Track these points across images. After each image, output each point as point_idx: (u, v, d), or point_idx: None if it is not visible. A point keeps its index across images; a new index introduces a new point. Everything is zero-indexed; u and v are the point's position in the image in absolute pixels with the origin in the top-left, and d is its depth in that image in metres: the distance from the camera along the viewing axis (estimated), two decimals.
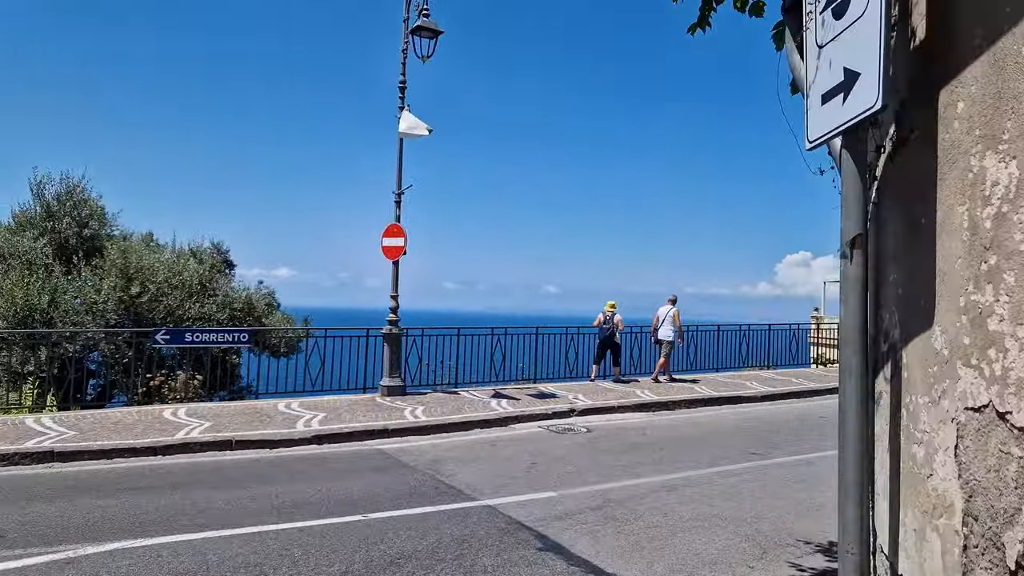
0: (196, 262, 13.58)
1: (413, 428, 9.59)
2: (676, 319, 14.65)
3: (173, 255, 13.47)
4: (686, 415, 11.60)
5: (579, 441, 9.25)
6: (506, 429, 10.10)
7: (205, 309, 12.67)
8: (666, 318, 14.63)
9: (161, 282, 12.01)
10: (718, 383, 14.47)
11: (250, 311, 13.63)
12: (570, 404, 11.53)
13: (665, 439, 9.47)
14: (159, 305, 11.89)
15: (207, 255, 14.59)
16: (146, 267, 11.97)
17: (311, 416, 9.83)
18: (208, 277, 13.21)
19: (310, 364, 11.54)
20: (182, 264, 12.88)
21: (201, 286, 12.98)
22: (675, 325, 14.59)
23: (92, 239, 13.18)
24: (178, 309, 12.14)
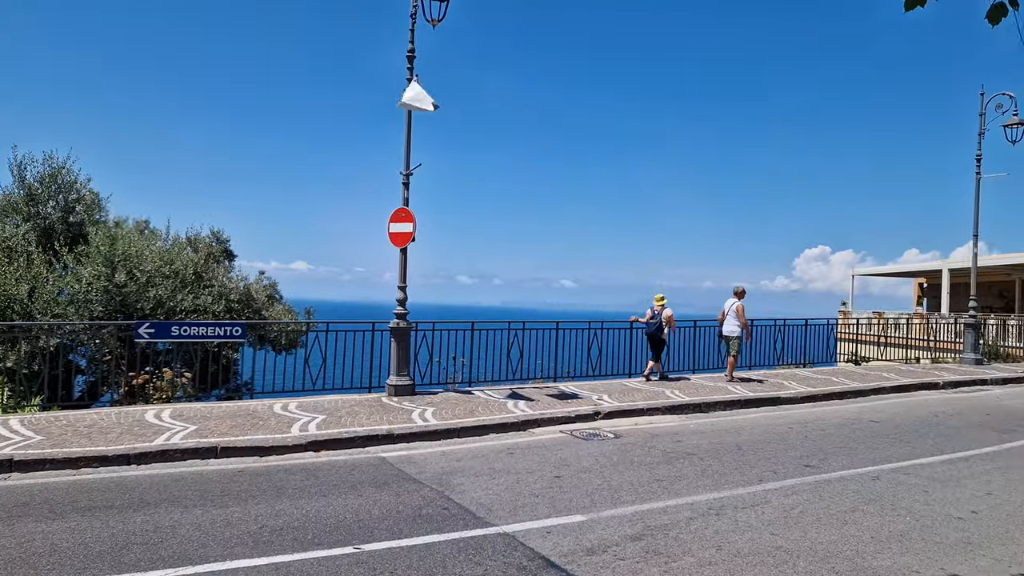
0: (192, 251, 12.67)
1: (421, 433, 8.61)
2: (741, 313, 13.62)
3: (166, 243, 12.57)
4: (722, 419, 10.52)
5: (607, 449, 8.22)
6: (524, 434, 9.09)
7: (200, 301, 11.77)
8: (731, 311, 13.66)
9: (150, 271, 11.12)
10: (753, 383, 13.35)
11: (248, 303, 12.72)
12: (594, 406, 10.49)
13: (703, 447, 8.41)
14: (148, 296, 10.99)
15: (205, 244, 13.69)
16: (134, 255, 11.07)
17: (309, 419, 8.87)
18: (204, 267, 12.30)
19: (311, 361, 10.60)
20: (176, 252, 11.98)
21: (196, 276, 12.08)
22: (740, 319, 13.60)
23: (80, 225, 12.32)
24: (169, 300, 11.25)
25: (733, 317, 13.66)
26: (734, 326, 13.66)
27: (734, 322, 13.66)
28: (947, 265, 31.16)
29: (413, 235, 10.58)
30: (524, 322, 12.48)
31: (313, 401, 9.98)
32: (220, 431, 8.10)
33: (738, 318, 13.61)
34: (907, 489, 6.77)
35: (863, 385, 13.70)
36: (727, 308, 13.76)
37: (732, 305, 13.75)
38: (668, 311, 13.34)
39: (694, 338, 14.97)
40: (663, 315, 13.26)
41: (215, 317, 11.83)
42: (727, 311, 13.75)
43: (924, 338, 20.32)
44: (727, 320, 13.72)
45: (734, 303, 13.75)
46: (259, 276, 14.28)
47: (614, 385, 12.53)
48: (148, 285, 11.02)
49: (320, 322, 11.63)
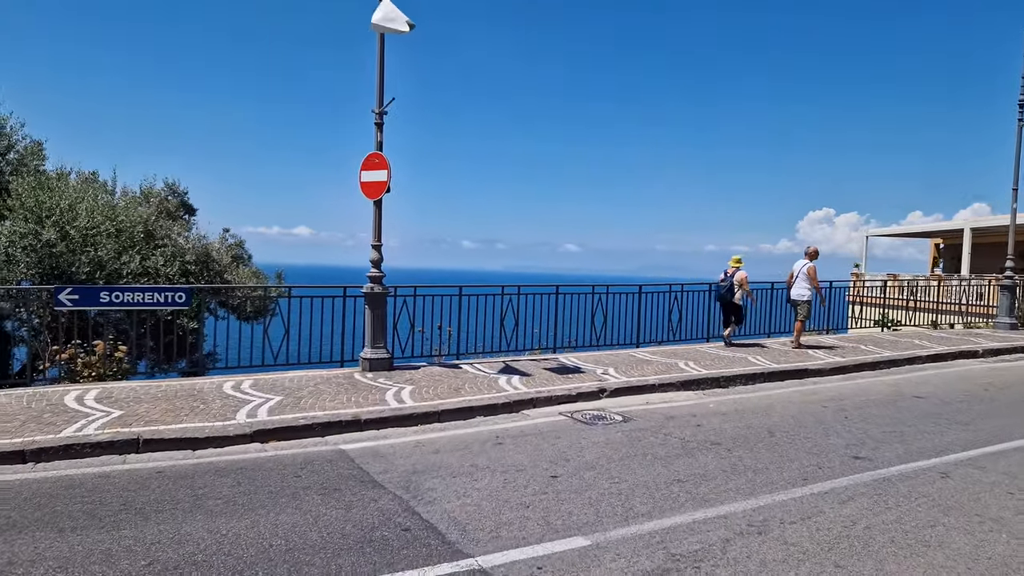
0: (145, 205, 11.20)
1: (394, 417, 7.26)
2: (813, 275, 12.51)
3: (116, 197, 11.08)
4: (745, 396, 9.16)
5: (614, 437, 6.87)
6: (517, 417, 7.74)
7: (149, 262, 10.35)
8: (800, 274, 12.61)
9: (87, 228, 9.68)
10: (777, 353, 11.97)
11: (208, 265, 11.30)
12: (599, 382, 9.13)
13: (729, 434, 7.06)
14: (85, 257, 9.58)
15: (158, 198, 12.16)
16: (66, 209, 9.62)
17: (261, 401, 7.52)
18: (155, 223, 10.84)
19: (270, 332, 9.21)
20: (122, 207, 10.50)
21: (146, 234, 10.63)
22: (811, 282, 12.52)
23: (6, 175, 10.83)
24: (112, 262, 9.84)
25: (804, 280, 12.59)
26: (804, 289, 12.59)
27: (804, 285, 12.59)
28: (969, 224, 29.59)
29: (388, 184, 9.10)
30: (519, 286, 11.06)
31: (272, 379, 8.62)
32: (149, 418, 6.75)
33: (810, 280, 12.55)
34: (988, 490, 5.42)
35: (896, 354, 12.32)
36: (796, 270, 12.79)
37: (803, 267, 12.66)
38: (742, 273, 12.33)
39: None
40: (736, 277, 12.26)
41: (168, 281, 10.46)
42: (796, 273, 12.67)
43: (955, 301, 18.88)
44: (797, 283, 12.69)
45: (805, 264, 12.67)
46: (222, 235, 12.85)
47: (621, 357, 11.16)
48: (86, 245, 9.60)
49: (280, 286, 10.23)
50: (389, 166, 9.10)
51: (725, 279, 12.40)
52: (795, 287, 12.67)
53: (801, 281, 12.59)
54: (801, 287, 12.60)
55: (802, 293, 12.58)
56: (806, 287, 12.55)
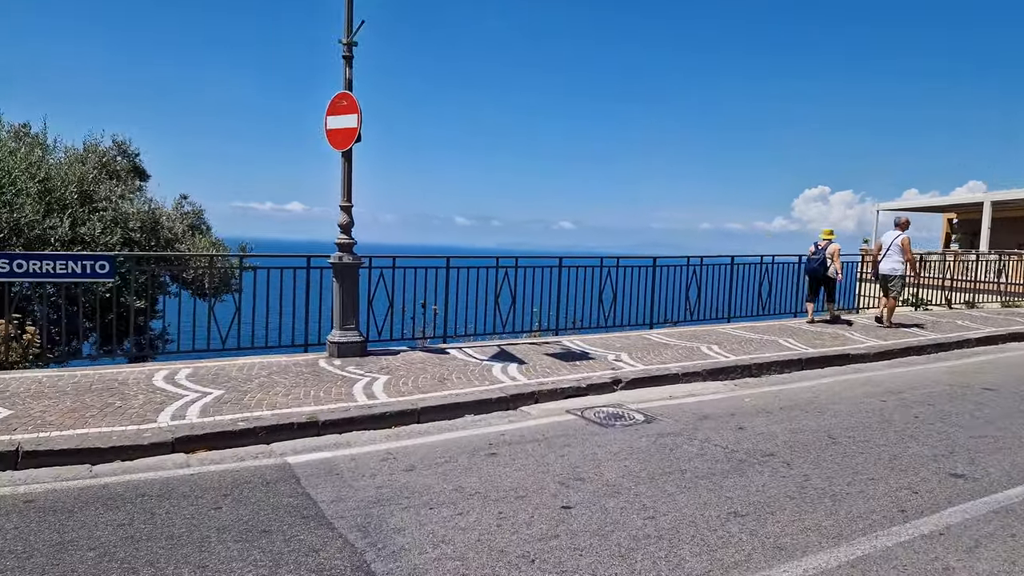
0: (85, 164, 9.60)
1: (362, 418, 5.79)
2: (907, 247, 11.50)
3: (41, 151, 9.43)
4: (784, 387, 7.72)
5: (639, 445, 5.41)
6: (515, 416, 6.29)
7: (84, 229, 8.81)
8: (892, 246, 11.65)
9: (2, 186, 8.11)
10: (810, 335, 10.52)
11: (155, 233, 9.76)
12: (612, 370, 7.67)
13: (781, 439, 5.62)
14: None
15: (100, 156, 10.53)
16: None
17: (196, 397, 6.03)
18: (94, 184, 9.27)
19: (215, 311, 7.67)
20: (53, 164, 8.91)
21: (83, 196, 9.07)
22: (905, 256, 11.54)
23: None
24: (34, 226, 8.28)
25: (896, 253, 11.57)
26: (896, 263, 11.57)
27: (897, 258, 11.57)
28: (990, 197, 28.10)
29: (359, 132, 7.53)
30: (517, 258, 9.55)
31: (216, 368, 7.11)
32: (43, 421, 5.25)
33: (903, 254, 11.52)
34: None
35: (942, 336, 10.91)
36: (887, 242, 11.77)
37: (895, 239, 11.61)
38: (835, 245, 11.34)
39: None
40: (829, 250, 11.25)
41: (107, 249, 8.93)
42: (888, 246, 11.74)
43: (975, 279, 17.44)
44: (888, 256, 11.63)
45: (897, 236, 11.61)
46: (178, 200, 11.28)
47: (632, 339, 9.69)
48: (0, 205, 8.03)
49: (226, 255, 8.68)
50: (360, 109, 7.53)
51: (816, 252, 11.43)
52: (886, 261, 11.69)
53: (894, 254, 11.60)
54: (893, 260, 11.60)
55: (895, 267, 11.61)
56: (899, 260, 11.56)
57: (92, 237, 8.93)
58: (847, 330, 11.16)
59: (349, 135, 7.59)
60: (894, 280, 11.66)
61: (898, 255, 11.59)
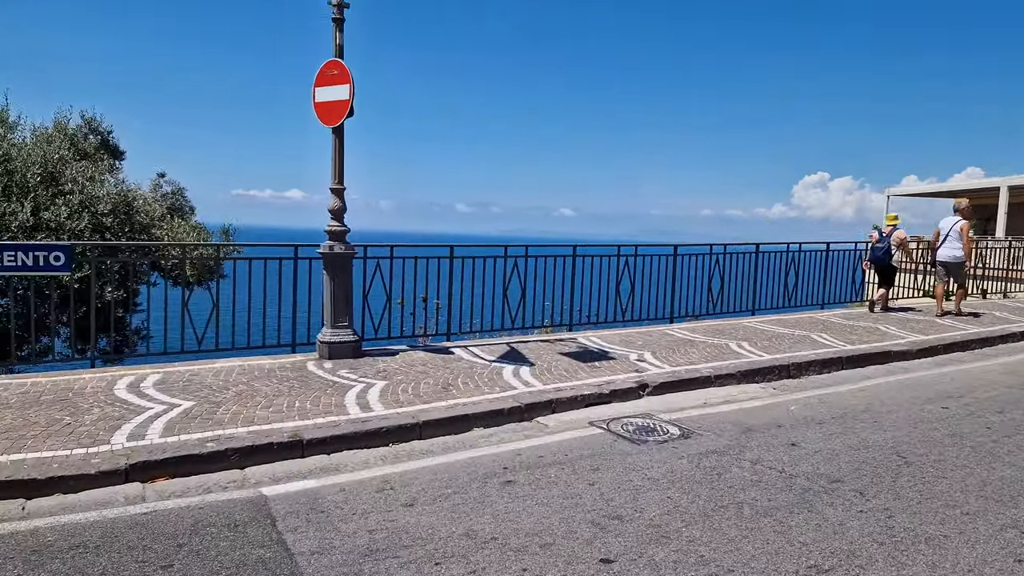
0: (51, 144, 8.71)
1: (354, 435, 4.97)
2: (966, 233, 10.90)
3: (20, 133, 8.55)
4: (828, 391, 6.90)
5: (680, 468, 4.60)
6: (531, 429, 5.47)
7: (49, 214, 7.95)
8: (951, 232, 11.03)
9: None
10: (843, 329, 9.68)
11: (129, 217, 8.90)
12: (636, 373, 6.85)
13: (844, 459, 4.80)
14: None
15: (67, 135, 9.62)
16: None
17: (161, 410, 5.20)
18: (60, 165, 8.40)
19: (194, 306, 6.82)
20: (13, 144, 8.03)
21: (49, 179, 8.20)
22: (964, 242, 10.94)
23: None
24: None
25: (956, 239, 10.94)
26: (956, 250, 10.94)
27: (957, 245, 10.93)
28: (1007, 182, 27.22)
29: (351, 105, 6.66)
30: (527, 246, 8.69)
31: (189, 372, 6.27)
32: None
33: (963, 240, 10.90)
34: None
35: (985, 330, 10.09)
36: (945, 228, 11.03)
37: (954, 225, 10.98)
38: (900, 232, 10.90)
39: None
40: (894, 237, 10.96)
41: (74, 236, 8.10)
42: (947, 232, 11.03)
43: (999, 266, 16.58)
44: (946, 243, 11.02)
45: (956, 222, 10.98)
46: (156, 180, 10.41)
47: (654, 335, 8.86)
48: None
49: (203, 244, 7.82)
50: (352, 79, 6.66)
51: (881, 239, 11.04)
52: (945, 248, 11.06)
53: (953, 241, 10.96)
54: (954, 248, 10.96)
55: (955, 255, 10.96)
56: (959, 247, 10.92)
57: (57, 223, 8.08)
58: (881, 323, 10.33)
59: (340, 108, 6.72)
60: (954, 266, 11.06)
61: (958, 241, 10.95)
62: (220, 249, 7.40)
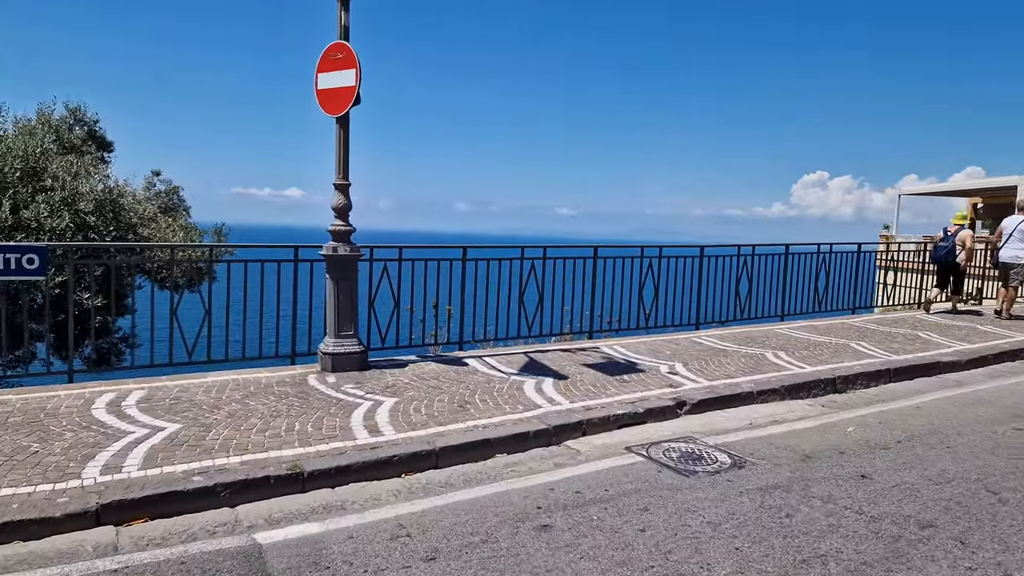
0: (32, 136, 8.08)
1: (362, 465, 4.34)
2: None
3: None
4: (884, 408, 6.27)
5: (740, 507, 3.96)
6: (561, 455, 4.84)
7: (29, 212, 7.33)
8: (1015, 232, 10.59)
9: None
10: (882, 336, 9.04)
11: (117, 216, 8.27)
12: (670, 387, 6.21)
13: (926, 496, 4.17)
14: None
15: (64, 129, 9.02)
16: None
17: (144, 435, 4.57)
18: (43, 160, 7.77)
19: (185, 313, 6.19)
20: None
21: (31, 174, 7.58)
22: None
23: None
24: None
25: (1019, 240, 10.51)
26: (1019, 251, 10.51)
27: (1020, 246, 10.51)
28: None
29: (357, 92, 6.02)
30: (545, 247, 8.05)
31: (178, 388, 5.63)
32: None
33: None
34: None
35: None
36: (1008, 228, 10.78)
37: (1018, 224, 10.55)
38: (965, 232, 10.47)
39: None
40: (959, 236, 10.52)
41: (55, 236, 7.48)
42: (1011, 231, 10.61)
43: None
44: (1010, 242, 10.65)
45: (1020, 221, 10.55)
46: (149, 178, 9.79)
47: (682, 344, 8.22)
48: None
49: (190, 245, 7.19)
50: (359, 63, 6.02)
51: (945, 238, 10.62)
52: (1008, 248, 10.67)
53: (1016, 241, 10.53)
54: (1016, 248, 10.53)
55: (1018, 255, 10.52)
56: (1022, 248, 10.49)
57: (38, 222, 7.45)
58: (921, 329, 9.70)
59: (346, 96, 6.08)
60: (1016, 268, 10.53)
61: (1021, 242, 10.47)
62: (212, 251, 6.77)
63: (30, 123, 8.89)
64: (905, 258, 11.86)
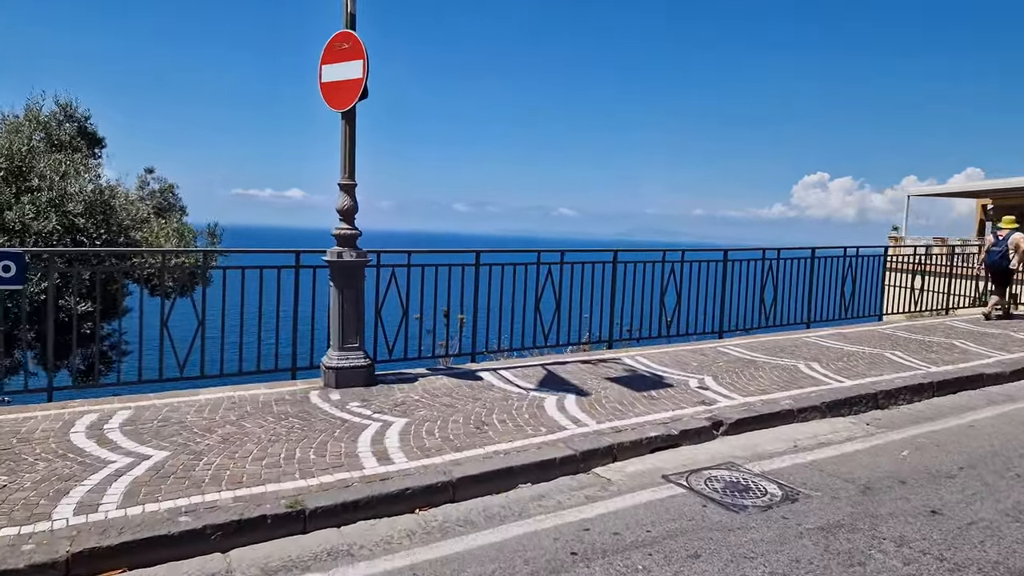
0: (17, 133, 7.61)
1: (370, 500, 3.85)
2: None
3: None
4: (932, 426, 5.78)
5: (803, 551, 3.47)
6: (592, 486, 4.35)
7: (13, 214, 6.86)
8: None
9: None
10: (918, 345, 8.54)
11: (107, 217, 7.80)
12: (703, 406, 5.72)
13: (1011, 536, 3.68)
14: None
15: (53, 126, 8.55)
16: None
17: (128, 464, 4.08)
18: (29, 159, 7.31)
19: (177, 323, 5.71)
20: None
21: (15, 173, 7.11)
22: None
23: None
24: None
25: None
26: None
27: None
28: None
29: (365, 84, 5.53)
30: (562, 251, 7.56)
31: (167, 408, 5.15)
32: None
33: None
34: None
35: None
36: None
37: None
38: (1018, 235, 10.09)
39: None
40: (1011, 240, 10.21)
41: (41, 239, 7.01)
42: None
43: None
44: None
45: None
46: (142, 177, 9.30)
47: (708, 354, 7.72)
48: None
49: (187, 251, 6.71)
50: (366, 54, 5.53)
51: (997, 243, 10.33)
52: None
53: None
54: None
55: None
56: None
57: (23, 224, 6.98)
58: (955, 337, 9.21)
59: (352, 89, 5.59)
60: None
61: None
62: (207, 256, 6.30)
63: (17, 119, 8.41)
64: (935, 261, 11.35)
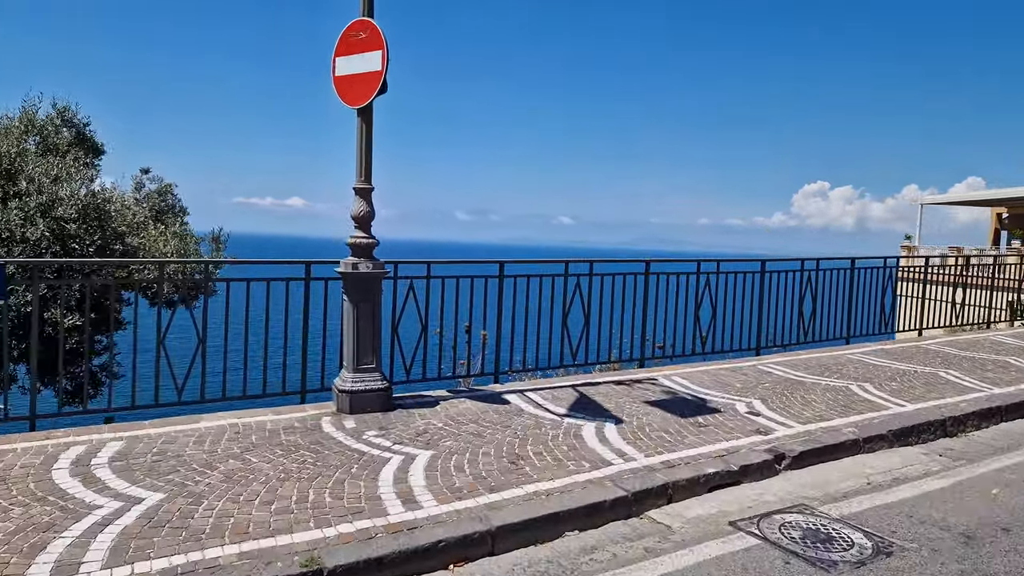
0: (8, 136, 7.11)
1: (394, 557, 3.28)
2: None
3: None
4: (1014, 457, 5.20)
5: None
6: (650, 537, 3.78)
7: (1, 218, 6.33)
8: None
9: None
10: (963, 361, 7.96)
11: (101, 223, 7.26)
12: (759, 436, 5.14)
13: None
14: None
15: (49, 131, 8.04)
16: None
17: (116, 510, 3.51)
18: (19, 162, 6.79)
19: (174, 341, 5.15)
20: None
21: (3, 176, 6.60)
22: None
23: None
24: None
25: None
26: None
27: None
28: None
29: (384, 77, 5.00)
30: (592, 261, 7.00)
31: (163, 438, 4.58)
32: None
33: None
34: None
35: None
36: None
37: None
38: None
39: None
40: None
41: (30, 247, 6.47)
42: None
43: None
44: None
45: None
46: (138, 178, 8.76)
47: (749, 374, 7.14)
48: None
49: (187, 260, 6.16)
50: (386, 44, 5.00)
51: None
52: None
53: None
54: None
55: None
56: None
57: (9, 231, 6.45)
58: (1006, 354, 8.62)
59: (370, 83, 5.06)
60: None
61: None
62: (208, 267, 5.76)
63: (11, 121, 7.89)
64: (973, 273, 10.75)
